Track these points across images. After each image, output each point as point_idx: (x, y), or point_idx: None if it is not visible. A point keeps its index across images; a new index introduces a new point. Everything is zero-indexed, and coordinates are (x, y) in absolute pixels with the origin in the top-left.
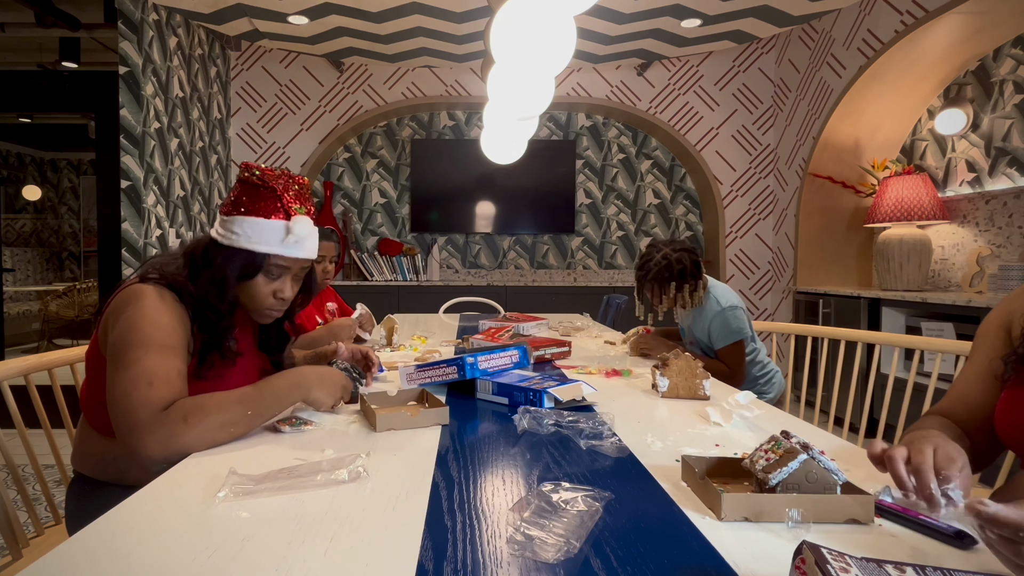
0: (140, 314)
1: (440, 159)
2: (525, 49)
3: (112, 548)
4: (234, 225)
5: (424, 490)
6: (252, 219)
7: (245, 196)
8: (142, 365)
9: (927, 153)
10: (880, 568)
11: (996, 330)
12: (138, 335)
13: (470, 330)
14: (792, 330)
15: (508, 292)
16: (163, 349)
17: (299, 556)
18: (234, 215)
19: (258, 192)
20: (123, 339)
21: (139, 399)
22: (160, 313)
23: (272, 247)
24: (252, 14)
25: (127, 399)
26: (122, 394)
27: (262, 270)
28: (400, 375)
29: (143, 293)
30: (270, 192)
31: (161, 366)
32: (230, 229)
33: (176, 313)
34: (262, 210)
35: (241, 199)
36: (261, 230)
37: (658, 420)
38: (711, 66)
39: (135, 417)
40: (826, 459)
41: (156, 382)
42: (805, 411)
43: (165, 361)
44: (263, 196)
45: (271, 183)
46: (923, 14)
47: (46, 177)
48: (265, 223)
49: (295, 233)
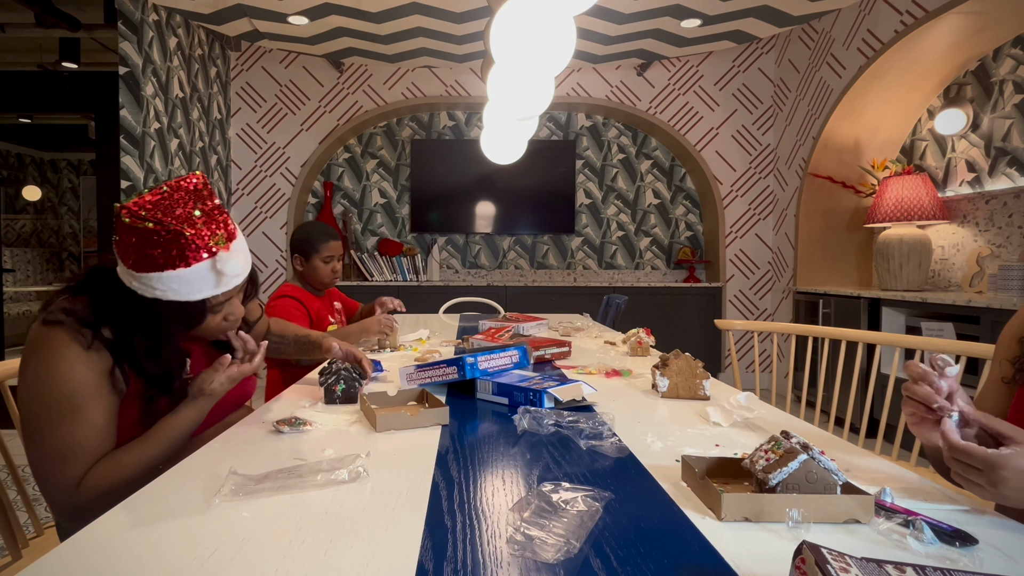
0: (40, 371)
1: (440, 159)
2: (525, 49)
3: (112, 548)
4: (153, 281)
5: (424, 490)
6: (171, 273)
7: (151, 249)
8: (52, 439)
9: (927, 153)
10: (880, 568)
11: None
12: (40, 401)
13: (470, 330)
14: (792, 330)
15: (508, 292)
16: (68, 415)
17: (299, 556)
18: (146, 271)
19: (161, 242)
20: (30, 404)
21: (53, 481)
22: (63, 365)
23: (207, 290)
24: (252, 14)
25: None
26: (38, 471)
27: (207, 313)
28: (400, 375)
29: (43, 343)
30: (176, 237)
31: (69, 438)
32: (148, 284)
33: (84, 360)
34: (178, 260)
35: (149, 254)
36: (188, 282)
37: (658, 420)
38: (711, 66)
39: (51, 496)
40: (826, 459)
41: (68, 458)
42: (805, 411)
43: (74, 430)
44: (171, 245)
45: (173, 227)
46: (923, 14)
47: (46, 177)
48: (189, 273)
49: (228, 272)
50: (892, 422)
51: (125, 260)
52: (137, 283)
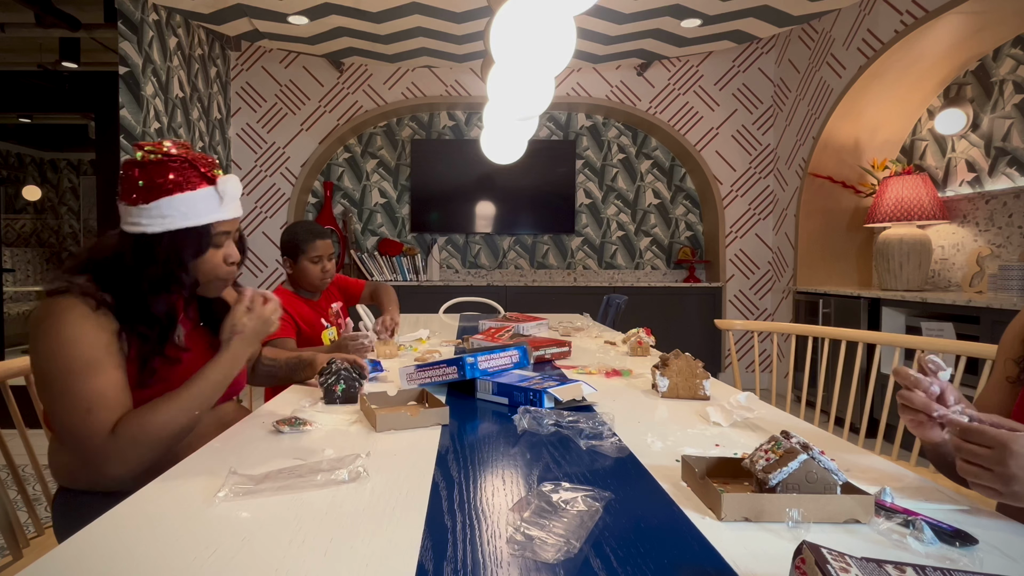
0: (54, 335)
1: (440, 159)
2: (525, 49)
3: (112, 548)
4: (162, 207)
5: (424, 490)
6: (180, 195)
7: (157, 177)
8: (74, 392)
9: (927, 153)
10: (880, 568)
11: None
12: (59, 361)
13: (470, 330)
14: (792, 330)
15: (508, 292)
16: (89, 368)
17: (299, 556)
18: (155, 199)
19: (168, 168)
20: (46, 368)
21: (83, 430)
22: (76, 327)
23: (213, 215)
24: (252, 14)
25: (72, 432)
26: (68, 427)
27: (211, 242)
28: (400, 375)
29: (52, 310)
30: (182, 163)
31: (92, 389)
32: (158, 214)
33: (93, 320)
34: (183, 185)
35: (154, 180)
36: (195, 203)
37: (658, 420)
38: (711, 66)
39: (84, 448)
40: (826, 459)
41: (93, 407)
42: (805, 411)
43: (96, 381)
44: (177, 170)
45: (179, 155)
46: (923, 14)
47: (46, 177)
48: (194, 195)
49: (227, 193)
50: (892, 422)
51: (134, 201)
52: (145, 219)
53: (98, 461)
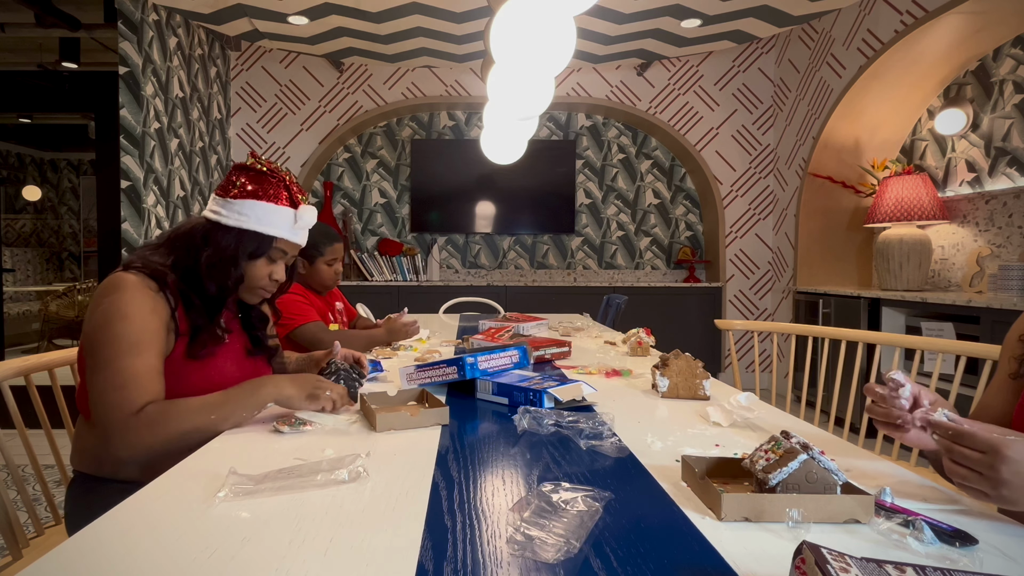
0: (113, 308)
1: (440, 159)
2: (525, 49)
3: (112, 548)
4: (244, 207)
5: (424, 490)
6: (264, 203)
7: (253, 183)
8: (114, 367)
9: (927, 153)
10: (880, 568)
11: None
12: (110, 333)
13: (470, 330)
14: (792, 330)
15: (508, 292)
16: (134, 347)
17: (299, 556)
18: (243, 198)
19: (266, 179)
20: (96, 336)
21: (112, 402)
22: (134, 306)
23: (281, 231)
24: (252, 14)
25: (102, 401)
26: (98, 395)
27: (267, 252)
28: (400, 375)
29: (119, 284)
30: (278, 181)
31: (131, 368)
32: (238, 211)
33: (152, 304)
34: (271, 196)
35: (253, 188)
36: (272, 214)
37: (658, 420)
38: (711, 66)
39: (107, 419)
40: (826, 459)
41: (128, 384)
42: (805, 411)
43: (136, 361)
44: (272, 184)
45: (278, 173)
46: (923, 14)
47: (46, 177)
48: (276, 208)
49: (302, 221)
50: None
51: (225, 194)
52: (226, 210)
53: (112, 436)
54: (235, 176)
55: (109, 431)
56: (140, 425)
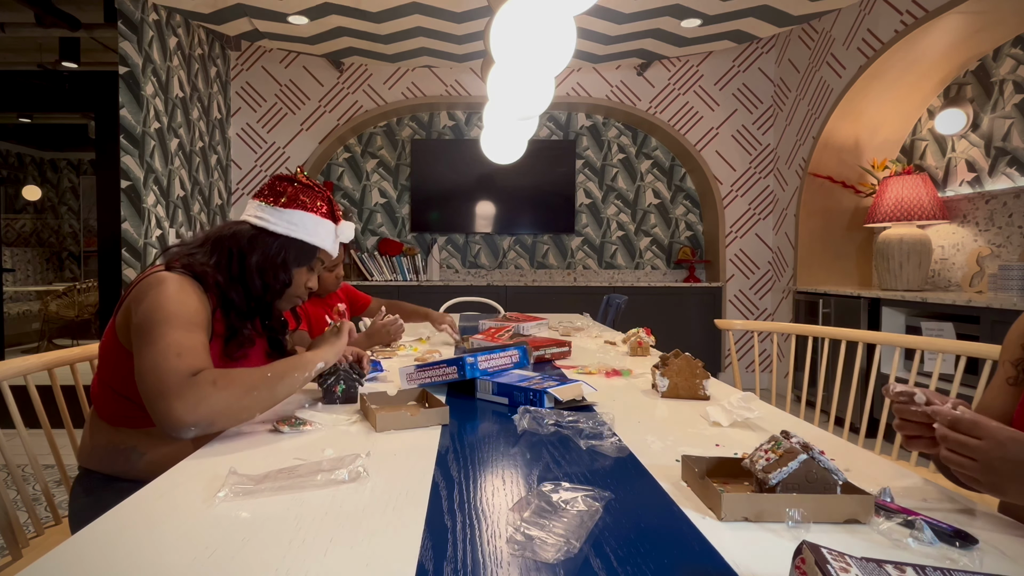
0: (164, 295)
1: (440, 159)
2: (525, 49)
3: (112, 548)
4: (294, 217)
5: (424, 490)
6: (312, 215)
7: (302, 194)
8: (169, 339)
9: (927, 153)
10: (880, 568)
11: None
12: (163, 313)
13: (470, 330)
14: (792, 330)
15: (508, 292)
16: (188, 325)
17: (299, 556)
18: (292, 208)
19: (311, 192)
20: (148, 318)
21: (168, 368)
22: (184, 294)
23: (325, 243)
24: (252, 14)
25: (157, 370)
26: (151, 366)
27: (311, 262)
28: (400, 375)
29: (166, 279)
30: (323, 195)
31: (187, 340)
32: (287, 220)
33: (197, 297)
34: (317, 209)
35: (298, 197)
36: (318, 226)
37: (658, 420)
38: (711, 66)
39: (165, 384)
40: (826, 459)
41: (184, 353)
42: (805, 411)
43: (190, 336)
44: (317, 197)
45: (321, 188)
46: (923, 14)
47: (46, 177)
48: (322, 220)
49: (343, 235)
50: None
51: (272, 202)
52: (275, 217)
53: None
54: (281, 186)
55: (166, 395)
56: (203, 383)
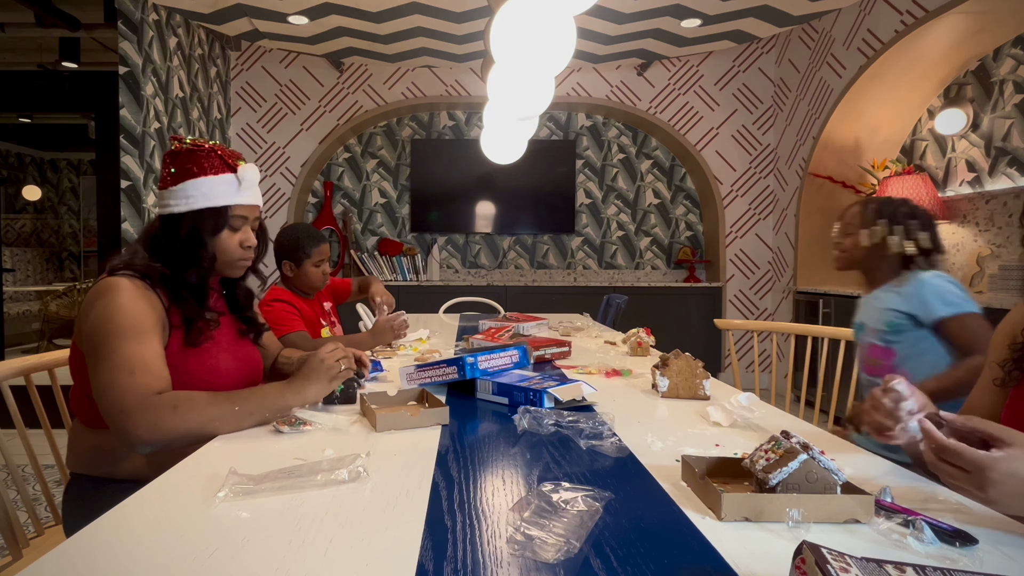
0: (111, 305)
1: (440, 159)
2: (525, 49)
3: (112, 548)
4: (187, 189)
5: (424, 490)
6: (202, 178)
7: (186, 163)
8: (120, 355)
9: (927, 153)
10: (880, 568)
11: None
12: (112, 325)
13: (470, 330)
14: (792, 330)
15: (508, 292)
16: (138, 336)
17: (299, 556)
18: (181, 182)
19: (196, 156)
20: (97, 331)
21: (125, 387)
22: (130, 301)
23: (229, 198)
24: (252, 14)
25: (114, 388)
26: (108, 384)
27: (227, 223)
28: (400, 375)
29: (111, 287)
30: (208, 152)
31: (138, 354)
32: (182, 196)
33: (146, 299)
34: (207, 170)
35: (184, 166)
36: (214, 186)
37: (658, 420)
38: (711, 66)
39: (124, 403)
40: (826, 459)
41: (137, 369)
42: (805, 411)
43: (141, 348)
44: (203, 158)
45: (204, 146)
46: (923, 14)
47: (46, 177)
48: (215, 179)
49: (246, 181)
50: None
51: (165, 185)
52: (172, 200)
53: (130, 419)
54: (167, 165)
55: (126, 414)
56: (163, 406)
